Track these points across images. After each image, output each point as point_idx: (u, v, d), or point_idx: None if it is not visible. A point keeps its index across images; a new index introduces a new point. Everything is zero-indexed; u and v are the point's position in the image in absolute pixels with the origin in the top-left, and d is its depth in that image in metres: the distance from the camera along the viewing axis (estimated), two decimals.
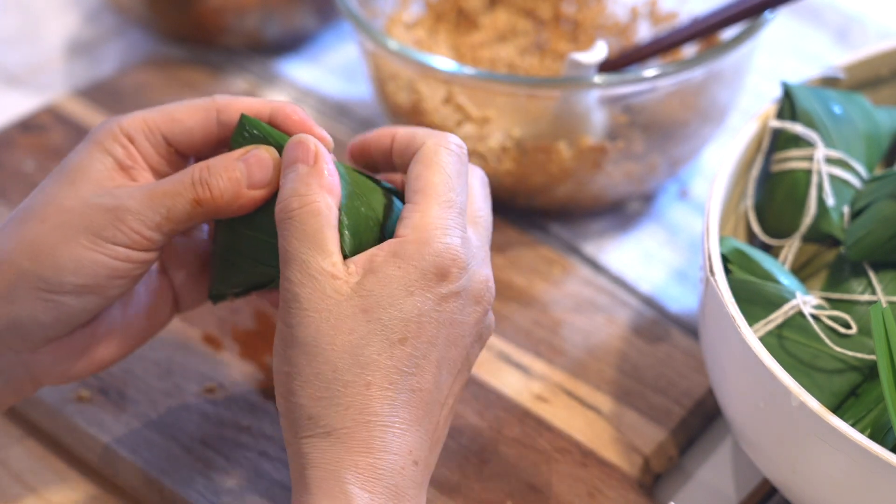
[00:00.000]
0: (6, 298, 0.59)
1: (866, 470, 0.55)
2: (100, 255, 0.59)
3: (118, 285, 0.60)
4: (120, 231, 0.59)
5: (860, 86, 0.77)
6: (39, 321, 0.59)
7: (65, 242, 0.59)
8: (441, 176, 0.60)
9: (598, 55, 0.76)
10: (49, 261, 0.59)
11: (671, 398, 0.73)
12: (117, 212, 0.59)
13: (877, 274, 0.67)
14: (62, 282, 0.59)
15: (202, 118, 0.63)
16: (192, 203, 0.60)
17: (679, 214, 0.86)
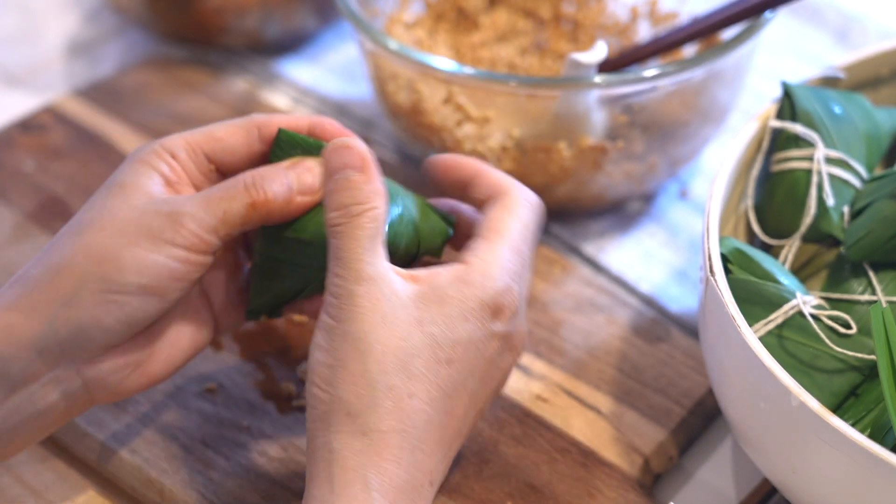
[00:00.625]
0: (70, 303, 0.60)
1: (866, 470, 0.55)
2: (161, 256, 0.60)
3: (177, 288, 0.61)
4: (179, 234, 0.60)
5: (860, 86, 0.77)
6: (103, 325, 0.60)
7: (126, 246, 0.60)
8: (519, 225, 0.64)
9: (598, 55, 0.76)
10: (112, 263, 0.60)
11: (671, 398, 0.73)
12: (175, 216, 0.60)
13: (877, 274, 0.67)
14: (126, 282, 0.60)
15: (243, 136, 0.65)
16: (247, 206, 0.61)
17: (679, 214, 0.86)
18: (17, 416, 0.61)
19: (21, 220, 0.85)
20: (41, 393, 0.61)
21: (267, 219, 0.62)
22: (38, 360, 0.60)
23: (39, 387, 0.61)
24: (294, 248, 0.64)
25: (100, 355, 0.61)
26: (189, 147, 0.64)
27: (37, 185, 0.87)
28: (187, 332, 0.65)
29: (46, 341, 0.60)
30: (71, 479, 0.71)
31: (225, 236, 0.61)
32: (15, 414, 0.61)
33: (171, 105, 0.94)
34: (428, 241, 0.67)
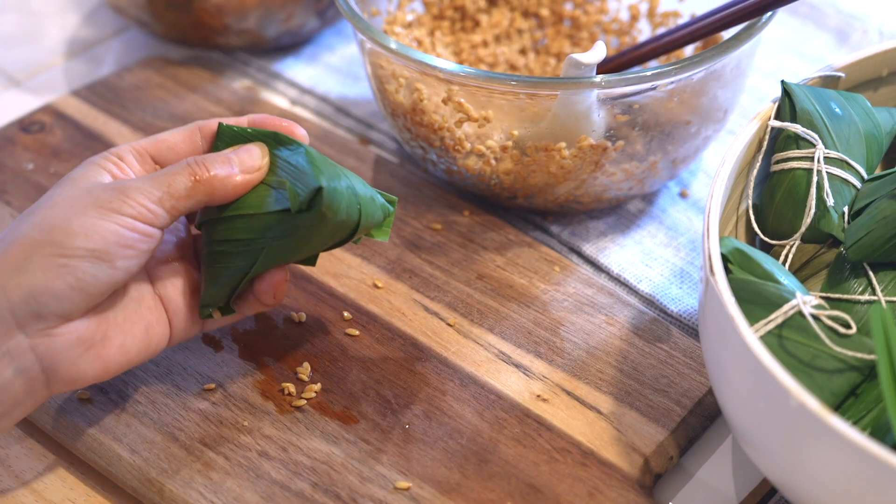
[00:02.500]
0: (20, 269, 0.62)
1: (866, 470, 0.55)
2: (108, 222, 0.63)
3: (126, 255, 0.63)
4: (126, 203, 0.63)
5: (860, 86, 0.77)
6: (53, 290, 0.62)
7: (75, 216, 0.63)
8: None
9: (598, 55, 0.76)
10: (61, 230, 0.62)
11: (671, 398, 0.73)
12: (123, 189, 0.64)
13: (877, 274, 0.67)
14: (75, 246, 0.62)
15: (186, 136, 0.70)
16: (190, 179, 0.65)
17: (679, 214, 0.86)
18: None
19: None
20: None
21: (210, 194, 0.66)
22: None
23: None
24: (237, 226, 0.67)
25: (52, 327, 0.63)
26: (135, 151, 0.68)
27: (36, 185, 0.87)
28: (141, 324, 0.67)
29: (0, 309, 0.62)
30: (70, 480, 0.71)
31: (171, 209, 0.65)
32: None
33: (170, 105, 0.94)
34: (369, 216, 0.69)
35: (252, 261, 0.68)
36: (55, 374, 0.64)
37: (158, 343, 0.68)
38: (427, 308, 0.78)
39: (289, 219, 0.67)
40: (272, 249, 0.68)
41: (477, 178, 0.82)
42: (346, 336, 0.76)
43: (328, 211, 0.66)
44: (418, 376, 0.74)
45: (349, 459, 0.69)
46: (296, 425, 0.71)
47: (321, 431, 0.71)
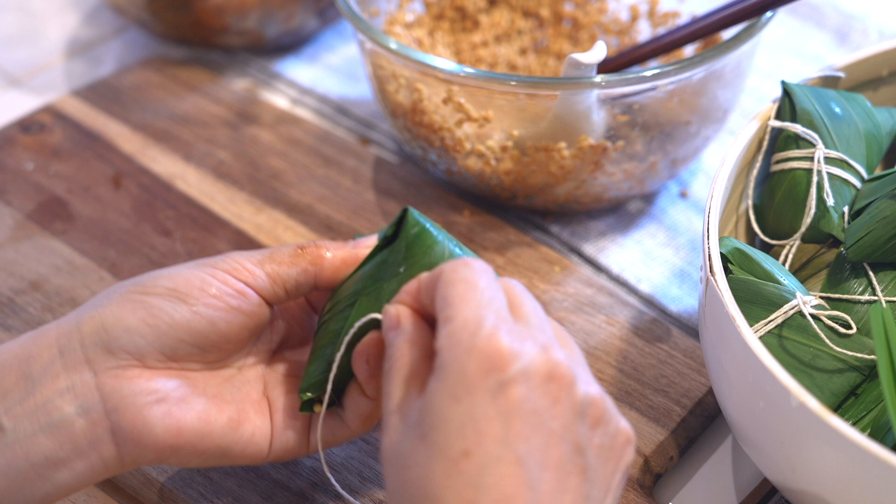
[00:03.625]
0: (99, 305, 0.61)
1: (866, 470, 0.55)
2: (199, 271, 0.61)
3: (209, 304, 0.60)
4: (223, 261, 0.62)
5: (860, 86, 0.77)
6: (125, 322, 0.59)
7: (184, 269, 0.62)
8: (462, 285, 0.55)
9: (598, 55, 0.76)
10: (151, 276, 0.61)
11: (671, 398, 0.73)
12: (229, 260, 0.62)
13: (877, 274, 0.67)
14: (154, 284, 0.60)
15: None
16: (296, 249, 0.63)
17: (679, 214, 0.86)
18: (33, 423, 0.58)
19: (21, 219, 0.85)
20: (58, 401, 0.59)
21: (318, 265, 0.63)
22: (59, 361, 0.59)
23: (57, 394, 0.59)
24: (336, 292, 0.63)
25: (122, 367, 0.59)
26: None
27: (37, 185, 0.87)
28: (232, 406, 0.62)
29: (70, 339, 0.59)
30: None
31: (272, 273, 0.62)
32: (30, 420, 0.58)
33: (170, 105, 0.94)
34: None
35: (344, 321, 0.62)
36: (119, 423, 0.59)
37: (253, 439, 0.62)
38: None
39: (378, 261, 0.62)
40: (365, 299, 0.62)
41: (477, 179, 0.82)
42: None
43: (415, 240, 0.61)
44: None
45: (349, 459, 0.69)
46: None
47: None
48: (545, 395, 0.52)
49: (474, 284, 0.55)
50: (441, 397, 0.52)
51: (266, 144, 0.91)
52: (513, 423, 0.51)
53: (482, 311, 0.53)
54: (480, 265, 0.56)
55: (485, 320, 0.53)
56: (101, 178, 0.88)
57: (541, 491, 0.51)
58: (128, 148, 0.90)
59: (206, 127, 0.93)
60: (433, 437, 0.51)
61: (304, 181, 0.88)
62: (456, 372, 0.52)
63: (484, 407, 0.51)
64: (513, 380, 0.52)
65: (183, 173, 0.88)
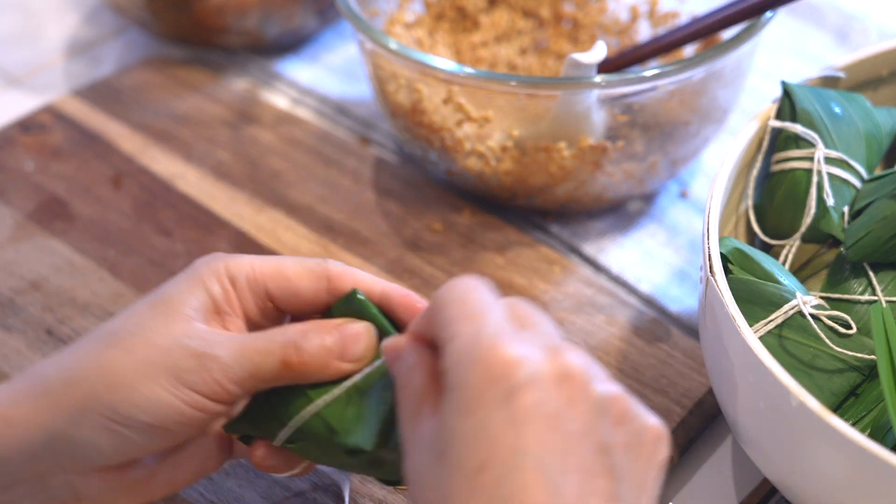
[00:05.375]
0: (71, 421, 0.58)
1: (866, 470, 0.55)
2: (177, 400, 0.57)
3: (185, 433, 0.59)
4: (202, 380, 0.57)
5: (860, 86, 0.77)
6: (99, 448, 0.58)
7: (145, 379, 0.57)
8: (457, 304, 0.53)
9: (598, 55, 0.76)
10: (125, 394, 0.57)
11: (671, 398, 0.73)
12: (204, 359, 0.58)
13: (877, 274, 0.67)
14: (133, 418, 0.57)
15: (313, 284, 0.61)
16: (281, 364, 0.58)
17: (679, 214, 0.86)
18: None
19: (21, 219, 0.85)
20: (27, 494, 0.59)
21: (301, 379, 0.59)
22: (29, 465, 0.58)
23: (27, 488, 0.59)
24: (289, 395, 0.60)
25: (95, 472, 0.59)
26: (253, 276, 0.60)
27: (37, 185, 0.87)
28: (195, 461, 0.62)
29: (42, 450, 0.58)
30: None
31: (251, 389, 0.59)
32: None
33: (170, 105, 0.94)
34: None
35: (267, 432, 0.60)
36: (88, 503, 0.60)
37: (214, 467, 0.63)
38: None
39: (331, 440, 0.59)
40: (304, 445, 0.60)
41: (477, 179, 0.82)
42: None
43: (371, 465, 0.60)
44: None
45: None
46: None
47: None
48: (559, 396, 0.50)
49: (467, 300, 0.53)
50: (451, 415, 0.50)
51: (266, 144, 0.91)
52: (526, 429, 0.49)
53: (479, 323, 0.52)
54: (471, 280, 0.55)
55: (483, 331, 0.51)
56: (101, 178, 0.88)
57: (565, 495, 0.49)
58: (128, 148, 0.91)
59: (206, 127, 0.93)
60: (448, 456, 0.50)
61: (304, 181, 0.88)
62: (462, 387, 0.50)
63: (494, 417, 0.49)
64: (521, 386, 0.50)
65: (183, 173, 0.88)
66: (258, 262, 0.61)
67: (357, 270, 0.61)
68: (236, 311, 0.60)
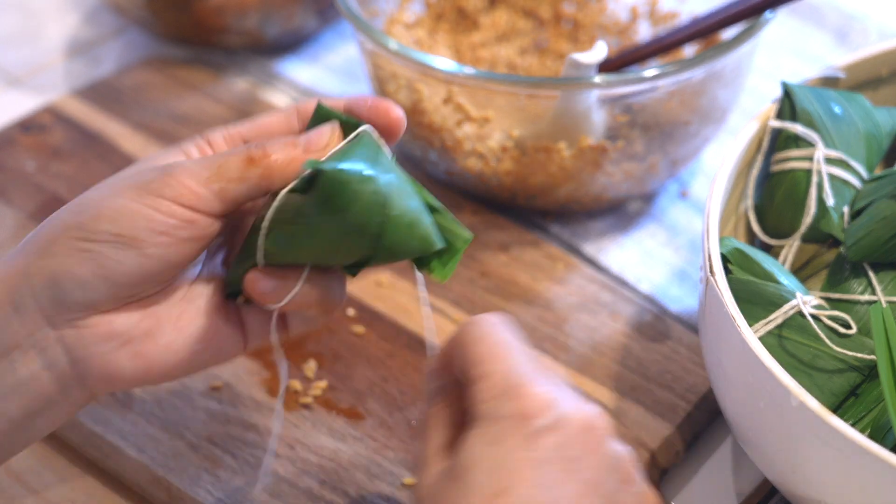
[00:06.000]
0: (44, 252, 0.57)
1: (866, 470, 0.56)
2: (141, 205, 0.57)
3: (160, 242, 0.57)
4: (167, 184, 0.57)
5: (860, 86, 0.77)
6: (76, 276, 0.57)
7: (110, 197, 0.57)
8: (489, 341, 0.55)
9: (598, 55, 0.76)
10: (90, 212, 0.57)
11: (676, 393, 0.73)
12: (168, 168, 0.58)
13: (877, 274, 0.67)
14: (99, 229, 0.57)
15: (283, 119, 0.62)
16: (245, 160, 0.58)
17: (679, 214, 0.86)
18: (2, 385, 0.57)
19: (23, 219, 0.85)
20: (22, 359, 0.58)
21: (268, 178, 0.58)
22: (16, 318, 0.57)
23: (20, 352, 0.57)
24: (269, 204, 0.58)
25: (79, 317, 0.58)
26: (228, 134, 0.61)
27: (38, 185, 0.87)
28: (198, 324, 0.60)
29: (21, 293, 0.57)
30: (73, 479, 0.71)
31: (220, 192, 0.58)
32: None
33: (171, 105, 0.95)
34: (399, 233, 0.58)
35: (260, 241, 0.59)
36: (87, 371, 0.58)
37: (223, 348, 0.61)
38: (432, 305, 0.78)
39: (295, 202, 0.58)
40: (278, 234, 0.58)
41: (477, 179, 0.82)
42: (351, 334, 0.76)
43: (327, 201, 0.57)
44: (424, 373, 0.74)
45: (356, 456, 0.69)
46: (302, 423, 0.71)
47: (328, 429, 0.71)
48: (581, 444, 0.53)
49: (500, 339, 0.55)
50: (477, 442, 0.52)
51: None
52: (547, 468, 0.52)
53: (511, 362, 0.54)
54: (496, 318, 0.57)
55: (520, 370, 0.54)
56: (102, 178, 0.87)
57: None
58: (129, 148, 0.91)
59: (206, 127, 0.92)
60: (467, 478, 0.52)
61: None
62: (492, 419, 0.53)
63: (519, 451, 0.52)
64: (549, 427, 0.52)
65: None
66: (233, 124, 0.62)
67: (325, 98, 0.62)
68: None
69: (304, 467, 0.69)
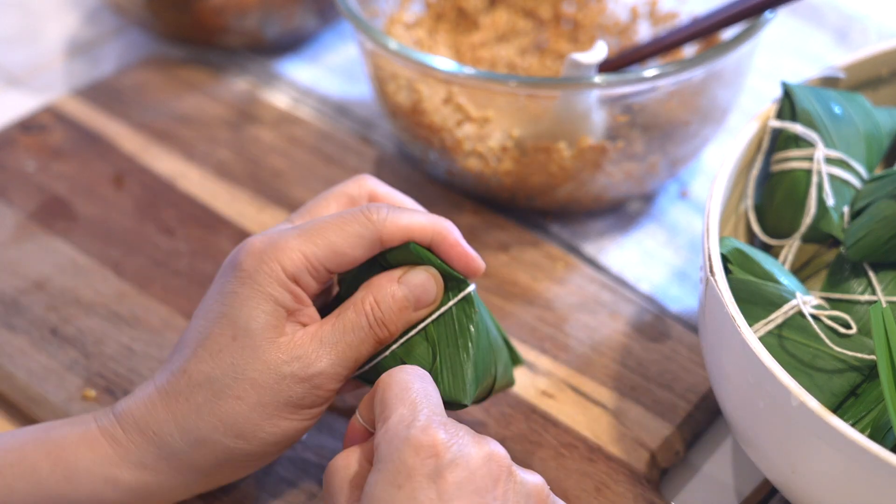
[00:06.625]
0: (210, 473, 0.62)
1: (866, 470, 0.56)
2: (299, 423, 0.62)
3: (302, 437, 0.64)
4: (316, 397, 0.61)
5: (860, 86, 0.77)
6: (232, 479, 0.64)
7: (267, 419, 0.61)
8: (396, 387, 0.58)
9: (598, 55, 0.76)
10: (254, 438, 0.61)
11: (676, 393, 0.73)
12: (313, 380, 0.61)
13: (877, 274, 0.67)
14: (264, 452, 0.62)
15: (366, 250, 0.63)
16: (374, 345, 0.62)
17: (679, 214, 0.86)
18: None
19: (23, 220, 0.85)
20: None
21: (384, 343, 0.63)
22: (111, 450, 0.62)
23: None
24: None
25: None
26: (311, 267, 0.62)
27: (38, 185, 0.87)
28: None
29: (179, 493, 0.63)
30: None
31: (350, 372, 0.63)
32: None
33: (171, 105, 0.95)
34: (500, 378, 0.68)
35: None
36: None
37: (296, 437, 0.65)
38: None
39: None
40: None
41: (477, 179, 0.82)
42: None
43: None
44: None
45: None
46: None
47: (329, 429, 0.71)
48: (486, 475, 0.55)
49: (408, 386, 0.58)
50: (383, 487, 0.54)
51: (267, 144, 0.91)
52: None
53: (416, 407, 0.57)
54: (415, 369, 0.60)
55: (419, 413, 0.56)
56: (102, 178, 0.88)
57: None
58: (129, 147, 0.91)
59: (206, 126, 0.93)
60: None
61: (305, 180, 0.88)
62: (395, 461, 0.55)
63: (425, 491, 0.54)
64: (450, 463, 0.54)
65: (185, 172, 0.88)
66: (309, 250, 0.62)
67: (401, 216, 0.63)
68: (306, 304, 0.63)
69: (305, 468, 0.69)
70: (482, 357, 0.64)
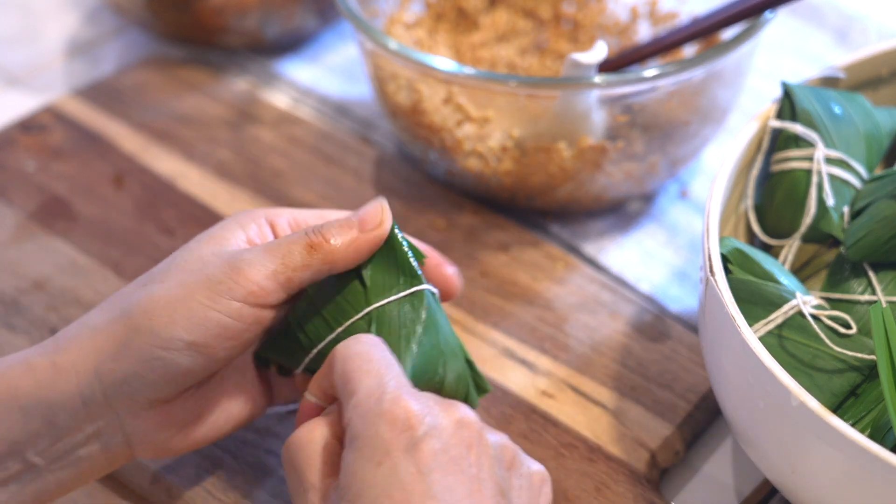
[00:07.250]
0: (117, 355, 0.59)
1: (866, 470, 0.56)
2: (214, 311, 0.59)
3: (227, 347, 0.60)
4: (237, 283, 0.59)
5: (860, 86, 0.77)
6: (146, 379, 0.59)
7: (181, 299, 0.59)
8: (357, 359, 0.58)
9: (598, 55, 0.76)
10: (164, 317, 0.59)
11: (676, 393, 0.73)
12: (235, 262, 0.60)
13: (877, 274, 0.67)
14: (174, 338, 0.59)
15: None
16: (307, 248, 0.60)
17: (679, 214, 0.86)
18: (58, 464, 0.61)
19: (24, 219, 0.85)
20: (83, 443, 0.61)
21: (331, 262, 0.61)
22: (84, 410, 0.60)
23: (83, 437, 0.60)
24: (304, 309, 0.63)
25: (144, 410, 0.61)
26: (294, 220, 0.63)
27: (38, 185, 0.88)
28: (240, 402, 0.64)
29: (92, 390, 0.59)
30: None
31: (286, 283, 0.60)
32: (56, 462, 0.60)
33: (171, 105, 0.95)
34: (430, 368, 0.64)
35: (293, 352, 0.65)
36: (139, 450, 0.62)
37: (257, 413, 0.66)
38: None
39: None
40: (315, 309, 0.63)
41: (477, 179, 0.82)
42: None
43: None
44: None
45: None
46: None
47: None
48: (459, 443, 0.55)
49: (369, 356, 0.58)
50: (361, 465, 0.54)
51: (267, 144, 0.91)
52: (434, 475, 0.54)
53: (383, 379, 0.57)
54: (371, 338, 0.60)
55: (387, 386, 0.56)
56: (102, 178, 0.88)
57: None
58: (129, 147, 0.91)
59: (206, 126, 0.93)
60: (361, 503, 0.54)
61: (305, 179, 0.88)
62: (370, 436, 0.54)
63: (402, 466, 0.54)
64: (425, 435, 0.54)
65: (184, 172, 0.89)
66: (299, 210, 0.64)
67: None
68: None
69: None
70: (424, 358, 0.63)
